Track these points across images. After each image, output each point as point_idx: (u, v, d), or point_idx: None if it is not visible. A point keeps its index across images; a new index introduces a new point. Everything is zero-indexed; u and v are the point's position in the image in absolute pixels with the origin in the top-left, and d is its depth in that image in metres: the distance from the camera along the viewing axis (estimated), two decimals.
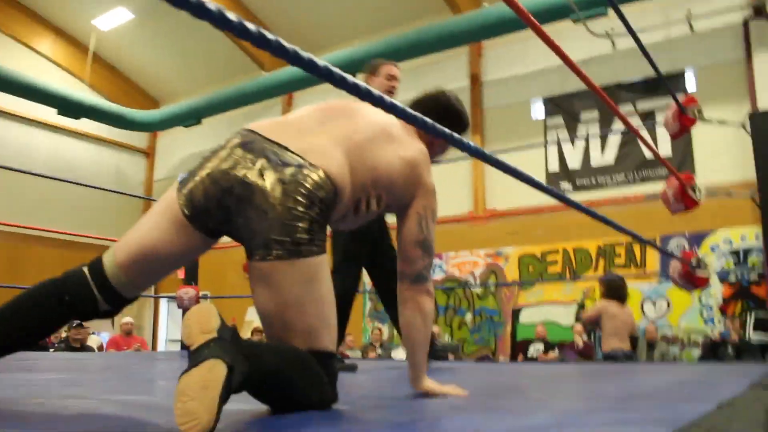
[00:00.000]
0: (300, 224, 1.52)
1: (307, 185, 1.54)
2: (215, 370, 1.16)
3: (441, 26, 9.33)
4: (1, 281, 10.76)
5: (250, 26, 0.68)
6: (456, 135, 1.14)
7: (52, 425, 1.29)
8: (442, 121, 1.82)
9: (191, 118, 12.52)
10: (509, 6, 1.38)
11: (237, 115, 13.24)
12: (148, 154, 15.28)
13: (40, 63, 13.09)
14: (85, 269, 1.68)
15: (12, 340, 1.61)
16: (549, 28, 9.01)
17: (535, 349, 8.60)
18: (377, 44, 9.90)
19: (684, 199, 2.98)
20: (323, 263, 1.59)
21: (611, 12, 8.50)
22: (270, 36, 0.72)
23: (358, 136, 1.73)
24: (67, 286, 1.64)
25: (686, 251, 3.16)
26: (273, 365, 1.38)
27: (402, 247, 1.91)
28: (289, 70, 11.10)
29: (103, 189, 6.41)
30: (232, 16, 0.64)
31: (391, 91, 3.49)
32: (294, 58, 0.74)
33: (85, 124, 13.12)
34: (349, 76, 0.87)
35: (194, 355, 1.20)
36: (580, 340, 8.31)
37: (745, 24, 8.54)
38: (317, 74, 0.81)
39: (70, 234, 6.30)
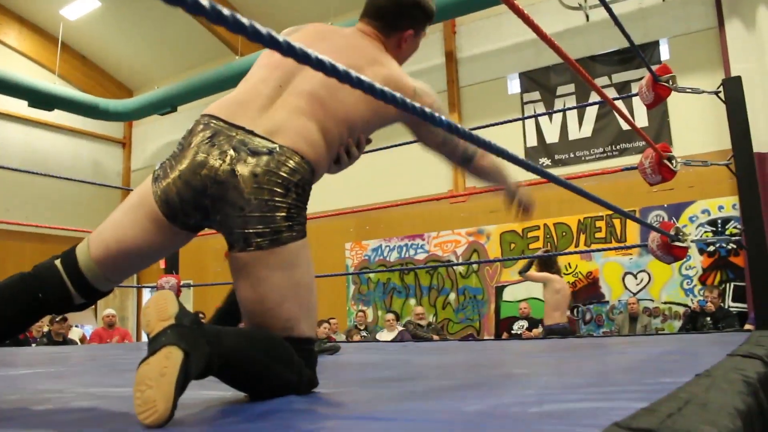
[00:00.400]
0: (278, 214, 1.51)
1: (282, 173, 1.52)
2: (172, 357, 1.14)
3: None
4: None
5: (225, 11, 0.64)
6: (429, 111, 1.10)
7: (25, 420, 1.26)
8: (401, 18, 1.88)
9: (166, 106, 12.36)
10: None
11: (212, 101, 13.04)
12: (125, 144, 15.09)
13: (8, 55, 12.82)
14: (58, 263, 1.63)
15: None
16: (523, 2, 8.98)
17: (519, 326, 8.65)
18: (352, 21, 9.80)
19: (661, 170, 2.98)
20: (303, 247, 1.58)
21: None
22: (244, 20, 0.69)
23: (320, 90, 1.64)
24: (41, 281, 1.60)
25: (665, 222, 3.17)
26: (237, 348, 1.35)
27: (431, 150, 1.94)
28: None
29: (79, 181, 6.31)
30: (204, 1, 0.61)
31: None
32: (270, 42, 0.70)
33: (60, 116, 12.92)
34: (326, 59, 0.83)
35: (152, 343, 1.18)
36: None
37: None
38: (294, 57, 0.77)
39: (48, 227, 6.21)
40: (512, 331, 8.73)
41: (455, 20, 10.33)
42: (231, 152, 1.53)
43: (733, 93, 3.50)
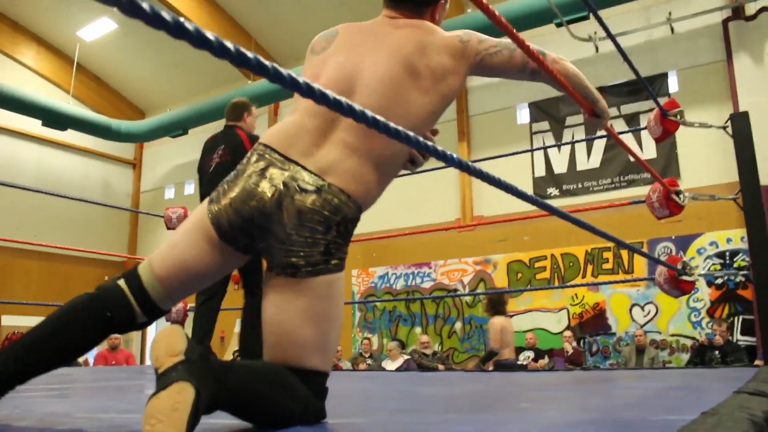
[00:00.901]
0: (316, 249, 1.56)
1: (326, 212, 1.56)
2: (184, 393, 1.17)
3: None
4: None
5: (228, 44, 0.67)
6: (439, 148, 1.11)
7: None
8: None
9: (178, 128, 12.49)
10: (486, 14, 1.38)
11: (223, 124, 13.22)
12: (135, 165, 15.21)
13: (24, 74, 13.02)
14: (122, 283, 1.64)
15: (55, 359, 1.59)
16: (533, 32, 9.04)
17: (525, 356, 8.59)
18: None
19: (669, 204, 2.99)
20: (337, 280, 1.61)
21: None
22: (248, 54, 0.71)
23: (380, 111, 1.56)
24: (107, 301, 1.62)
25: (672, 255, 3.17)
26: (243, 383, 1.38)
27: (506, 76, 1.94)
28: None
29: (89, 201, 6.36)
30: (209, 35, 0.63)
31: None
32: (275, 76, 0.72)
33: (72, 136, 13.06)
34: (330, 93, 0.86)
35: (162, 378, 1.20)
36: (569, 347, 8.33)
37: (725, 25, 8.61)
38: (299, 92, 0.79)
39: (57, 247, 6.25)
40: (518, 362, 8.66)
41: None
42: (281, 186, 1.57)
43: (740, 128, 3.52)
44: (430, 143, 1.10)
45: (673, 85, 9.02)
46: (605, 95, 9.10)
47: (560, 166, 9.60)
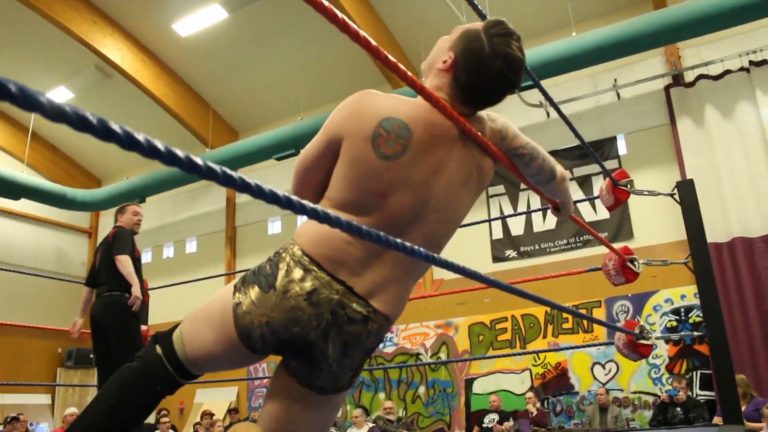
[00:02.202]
0: (348, 373, 1.59)
1: (367, 344, 1.57)
2: None
3: None
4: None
5: (179, 153, 0.70)
6: (390, 238, 1.12)
7: None
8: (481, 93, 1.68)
9: (135, 196, 12.38)
10: (414, 89, 1.44)
11: (181, 192, 13.19)
12: (91, 233, 14.98)
13: None
14: (160, 353, 1.66)
15: None
16: None
17: (490, 419, 8.56)
18: (319, 118, 10.08)
19: (624, 272, 3.11)
20: (347, 392, 1.66)
21: (545, 82, 8.98)
22: (198, 161, 0.74)
23: (435, 233, 1.60)
24: (156, 377, 1.65)
25: (630, 320, 3.27)
26: None
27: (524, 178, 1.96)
28: (233, 147, 11.18)
29: (42, 276, 6.23)
30: (159, 144, 0.67)
31: (137, 224, 5.24)
32: (224, 180, 0.75)
33: (25, 205, 12.83)
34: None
35: None
36: (533, 408, 8.34)
37: (667, 91, 9.04)
38: (255, 196, 0.80)
39: (8, 325, 6.07)
40: (483, 425, 8.63)
41: None
42: (328, 316, 1.49)
43: (686, 195, 3.69)
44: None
45: (621, 147, 9.36)
46: (558, 158, 9.43)
47: (517, 229, 9.80)
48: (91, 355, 4.69)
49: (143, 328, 5.17)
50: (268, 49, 10.98)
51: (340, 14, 1.09)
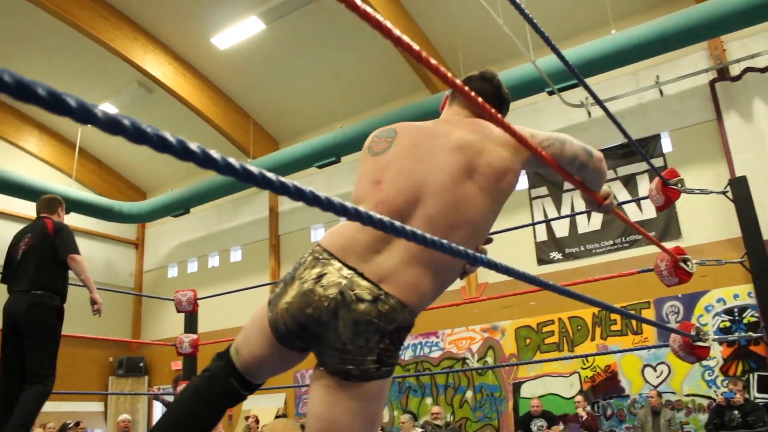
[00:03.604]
0: (369, 357, 1.60)
1: (381, 323, 1.59)
2: None
3: (419, 106, 9.57)
4: None
5: (215, 154, 0.69)
6: (435, 239, 1.11)
7: None
8: (498, 106, 1.98)
9: (179, 208, 12.61)
10: (460, 94, 1.42)
11: (225, 203, 13.35)
12: (137, 245, 15.27)
13: (28, 161, 13.22)
14: (221, 368, 1.76)
15: None
16: (526, 101, 9.19)
17: (538, 426, 8.42)
18: (359, 126, 10.12)
19: (677, 272, 3.03)
20: (385, 384, 1.66)
21: (588, 80, 8.87)
22: (254, 170, 0.72)
23: (437, 219, 1.66)
24: (220, 389, 1.74)
25: (685, 322, 3.18)
26: None
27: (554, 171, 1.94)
28: (274, 157, 11.28)
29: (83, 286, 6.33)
30: (193, 146, 0.65)
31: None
32: (263, 182, 0.73)
33: (75, 219, 13.14)
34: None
35: None
36: (583, 412, 8.19)
37: (712, 86, 8.82)
38: (291, 196, 0.79)
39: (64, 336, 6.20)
40: (532, 429, 8.49)
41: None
42: (337, 296, 1.59)
43: (740, 192, 3.59)
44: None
45: (666, 145, 9.16)
46: None
47: (562, 230, 9.66)
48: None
49: (194, 336, 5.19)
50: (305, 59, 11.06)
51: (383, 20, 1.08)
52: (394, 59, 10.31)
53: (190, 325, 5.35)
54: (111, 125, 0.56)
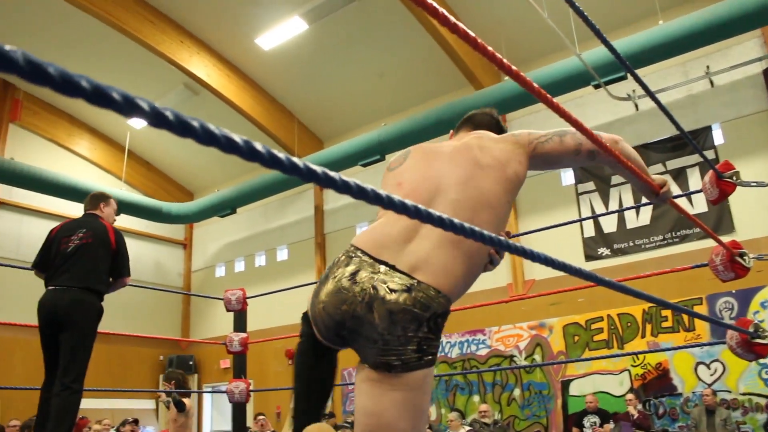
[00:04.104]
0: (409, 347, 1.62)
1: (416, 310, 1.62)
2: None
3: (464, 102, 9.49)
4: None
5: (258, 146, 0.67)
6: (485, 232, 1.10)
7: None
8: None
9: (226, 208, 12.77)
10: (519, 84, 1.41)
11: (270, 201, 13.48)
12: (186, 245, 15.53)
13: (79, 164, 13.57)
14: (306, 330, 1.85)
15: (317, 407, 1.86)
16: (572, 95, 9.03)
17: (591, 423, 8.29)
18: (403, 123, 10.10)
19: (734, 267, 2.93)
20: (429, 374, 1.68)
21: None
22: (281, 155, 0.70)
23: (461, 202, 1.76)
24: (315, 344, 1.83)
25: (743, 318, 3.08)
26: None
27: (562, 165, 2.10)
28: (319, 156, 11.34)
29: (143, 287, 6.49)
30: (237, 138, 0.64)
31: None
32: (307, 175, 0.72)
33: (124, 220, 13.43)
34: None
35: None
36: (634, 411, 8.04)
37: (766, 75, 8.54)
38: (337, 189, 0.77)
39: (115, 334, 6.35)
40: (583, 428, 8.36)
41: (505, 116, 10.50)
42: (370, 290, 1.64)
43: None
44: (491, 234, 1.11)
45: (717, 137, 8.91)
46: (649, 152, 9.07)
47: (610, 226, 9.48)
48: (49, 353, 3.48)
49: (243, 335, 5.24)
50: (348, 58, 11.09)
51: (440, 8, 1.06)
52: (437, 56, 10.26)
53: (240, 323, 5.40)
54: (155, 117, 0.55)
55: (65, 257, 3.91)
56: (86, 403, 12.05)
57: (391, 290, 1.62)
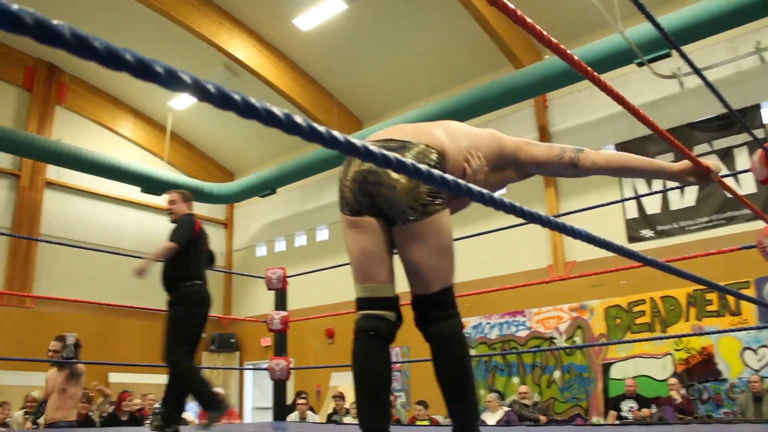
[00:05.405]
0: (422, 188, 2.03)
1: (417, 156, 2.05)
2: None
3: (504, 81, 9.37)
4: (95, 352, 11.23)
5: (298, 119, 0.66)
6: (525, 208, 1.09)
7: None
8: None
9: (266, 188, 12.88)
10: (564, 60, 1.39)
11: (309, 182, 13.55)
12: (227, 224, 15.74)
13: (123, 145, 13.82)
14: (365, 316, 2.14)
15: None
16: (614, 73, 8.82)
17: (629, 407, 8.18)
18: (443, 103, 10.02)
19: None
20: (446, 215, 2.10)
21: (676, 52, 8.40)
22: (321, 128, 0.69)
23: (452, 127, 2.30)
24: (383, 332, 2.12)
25: None
26: None
27: (549, 170, 2.42)
28: (358, 136, 11.33)
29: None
30: (277, 111, 0.64)
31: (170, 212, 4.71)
32: (348, 148, 0.71)
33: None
34: (423, 166, 0.86)
35: None
36: (677, 395, 7.92)
37: None
38: (372, 160, 0.76)
39: (155, 310, 6.48)
40: (620, 412, 8.27)
41: (546, 95, 10.35)
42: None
43: None
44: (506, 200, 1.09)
45: (766, 116, 8.64)
46: (695, 132, 8.84)
47: (653, 207, 9.29)
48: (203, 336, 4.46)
49: (284, 313, 5.31)
50: (387, 37, 11.04)
51: None
52: (476, 34, 10.14)
53: (281, 302, 5.47)
54: (197, 90, 0.55)
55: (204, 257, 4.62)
56: (132, 378, 12.38)
57: (391, 148, 2.07)
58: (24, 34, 0.49)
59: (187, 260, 4.33)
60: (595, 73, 1.50)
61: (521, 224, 4.91)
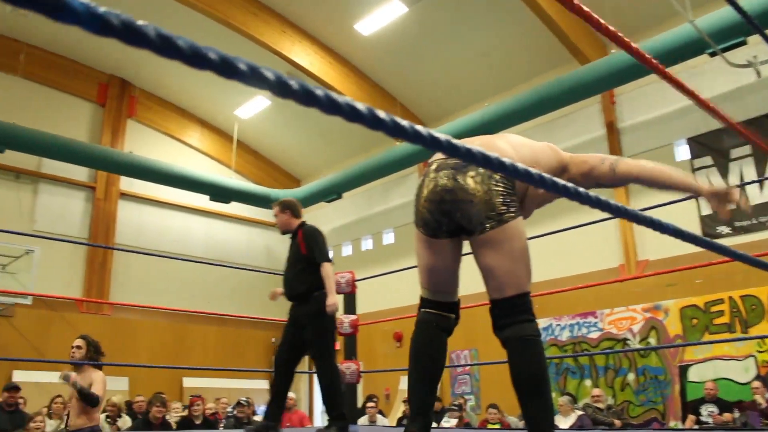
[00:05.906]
0: (497, 199, 2.15)
1: (490, 173, 2.13)
2: None
3: (570, 78, 9.18)
4: (170, 356, 11.55)
5: (381, 114, 0.65)
6: (612, 202, 1.07)
7: None
8: None
9: (332, 193, 12.99)
10: (631, 54, 1.33)
11: (375, 186, 13.60)
12: None
13: (191, 155, 14.20)
14: (426, 312, 2.37)
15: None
16: (686, 65, 8.48)
17: (708, 412, 7.85)
18: (507, 102, 9.89)
19: None
20: (520, 222, 2.21)
21: (751, 39, 8.04)
22: (404, 123, 0.68)
23: (514, 139, 2.47)
24: (442, 327, 2.36)
25: None
26: None
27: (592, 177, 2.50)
28: None
29: (251, 269, 6.71)
30: (360, 106, 0.63)
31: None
32: (414, 136, 0.69)
33: (235, 207, 13.96)
34: (493, 154, 0.82)
35: None
36: (762, 399, 7.58)
37: None
38: (440, 149, 0.74)
39: (228, 316, 6.63)
40: (699, 416, 7.95)
41: (613, 90, 10.09)
42: (452, 171, 2.21)
43: None
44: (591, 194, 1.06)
45: None
46: None
47: None
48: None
49: (353, 317, 5.34)
50: (449, 39, 10.99)
51: None
52: (539, 31, 9.98)
53: (350, 306, 5.50)
54: (280, 87, 0.54)
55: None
56: (203, 382, 12.67)
57: (464, 165, 2.18)
58: (111, 36, 0.49)
59: (315, 270, 4.44)
60: (664, 67, 1.43)
61: (590, 223, 4.80)
